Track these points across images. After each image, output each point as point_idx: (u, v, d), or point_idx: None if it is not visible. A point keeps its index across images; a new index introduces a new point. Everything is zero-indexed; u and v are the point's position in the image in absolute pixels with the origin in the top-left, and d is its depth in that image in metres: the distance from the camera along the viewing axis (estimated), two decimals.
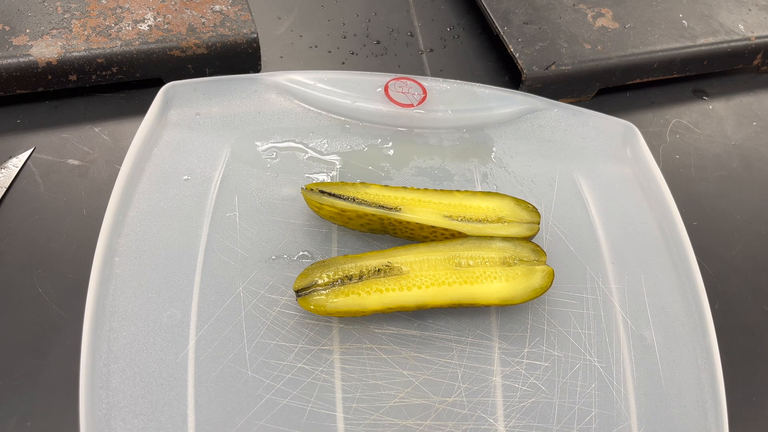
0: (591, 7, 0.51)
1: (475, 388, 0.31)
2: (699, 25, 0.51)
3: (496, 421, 0.31)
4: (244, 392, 0.29)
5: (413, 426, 0.30)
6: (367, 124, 0.40)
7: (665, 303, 0.36)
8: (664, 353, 0.34)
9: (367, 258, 0.32)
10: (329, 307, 0.30)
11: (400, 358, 0.32)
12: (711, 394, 0.33)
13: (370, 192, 0.34)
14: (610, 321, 0.35)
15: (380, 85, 0.41)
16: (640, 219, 0.39)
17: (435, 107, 0.41)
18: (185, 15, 0.43)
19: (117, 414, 0.28)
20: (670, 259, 0.38)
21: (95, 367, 0.29)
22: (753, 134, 0.50)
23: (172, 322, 0.31)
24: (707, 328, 0.35)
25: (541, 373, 0.32)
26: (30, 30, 0.40)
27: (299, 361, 0.31)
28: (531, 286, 0.32)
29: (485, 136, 0.41)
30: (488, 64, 0.51)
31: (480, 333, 0.33)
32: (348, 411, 0.30)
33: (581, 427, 0.31)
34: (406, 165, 0.39)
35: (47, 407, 0.30)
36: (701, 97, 0.52)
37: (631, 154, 0.42)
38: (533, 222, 0.35)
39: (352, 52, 0.49)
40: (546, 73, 0.46)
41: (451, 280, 0.32)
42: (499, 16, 0.49)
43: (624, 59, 0.48)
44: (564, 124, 0.43)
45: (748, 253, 0.43)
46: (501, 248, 0.33)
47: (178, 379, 0.29)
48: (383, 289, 0.31)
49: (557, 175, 0.40)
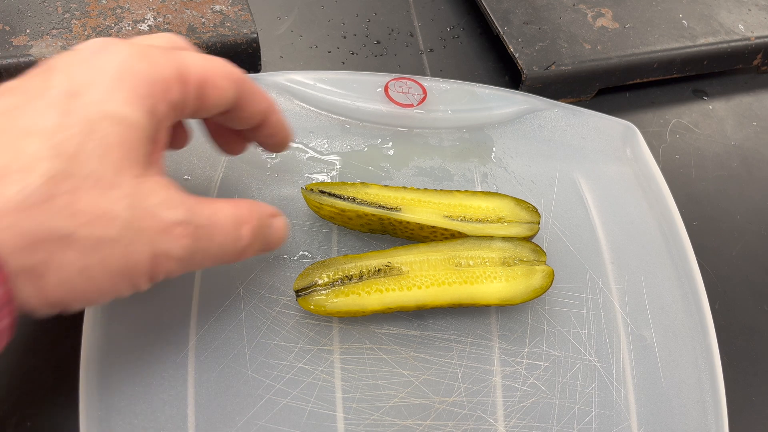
0: (591, 7, 0.51)
1: (475, 388, 0.31)
2: (699, 25, 0.51)
3: (496, 421, 0.31)
4: (244, 392, 0.29)
5: (413, 426, 0.30)
6: (367, 124, 0.40)
7: (665, 303, 0.36)
8: (664, 353, 0.34)
9: (367, 258, 0.32)
10: (329, 307, 0.30)
11: (400, 358, 0.32)
12: (711, 394, 0.33)
13: (370, 192, 0.34)
14: (610, 321, 0.35)
15: (380, 85, 0.41)
16: (640, 219, 0.39)
17: (435, 107, 0.41)
18: (185, 15, 0.43)
19: (117, 414, 0.28)
20: (670, 259, 0.38)
21: (95, 367, 0.29)
22: (753, 134, 0.50)
23: (172, 322, 0.31)
24: (707, 328, 0.35)
25: (541, 373, 0.32)
26: (30, 30, 0.40)
27: (299, 361, 0.31)
28: (531, 286, 0.32)
29: (485, 136, 0.41)
30: (488, 64, 0.51)
31: (480, 333, 0.33)
32: (348, 411, 0.30)
33: (581, 427, 0.31)
34: (406, 165, 0.39)
35: (47, 407, 0.30)
36: (701, 97, 0.52)
37: (631, 154, 0.42)
38: (533, 222, 0.35)
39: (352, 52, 0.49)
40: (546, 73, 0.46)
41: (451, 280, 0.32)
42: (499, 16, 0.49)
43: (624, 59, 0.48)
44: (564, 124, 0.43)
45: (748, 253, 0.43)
46: (501, 248, 0.33)
47: (178, 379, 0.29)
48: (383, 289, 0.31)
49: (557, 175, 0.40)
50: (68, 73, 0.22)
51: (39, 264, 0.20)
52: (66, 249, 0.20)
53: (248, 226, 0.26)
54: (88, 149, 0.21)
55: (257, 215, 0.27)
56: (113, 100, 0.22)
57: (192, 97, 0.25)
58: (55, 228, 0.20)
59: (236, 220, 0.26)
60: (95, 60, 0.23)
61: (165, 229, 0.23)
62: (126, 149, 0.22)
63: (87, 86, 0.22)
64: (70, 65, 0.22)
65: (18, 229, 0.19)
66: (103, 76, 0.22)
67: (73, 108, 0.21)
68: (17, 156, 0.20)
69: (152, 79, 0.23)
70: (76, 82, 0.22)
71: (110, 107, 0.22)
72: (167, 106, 0.24)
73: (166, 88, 0.23)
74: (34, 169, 0.20)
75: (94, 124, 0.21)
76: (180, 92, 0.24)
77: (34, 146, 0.20)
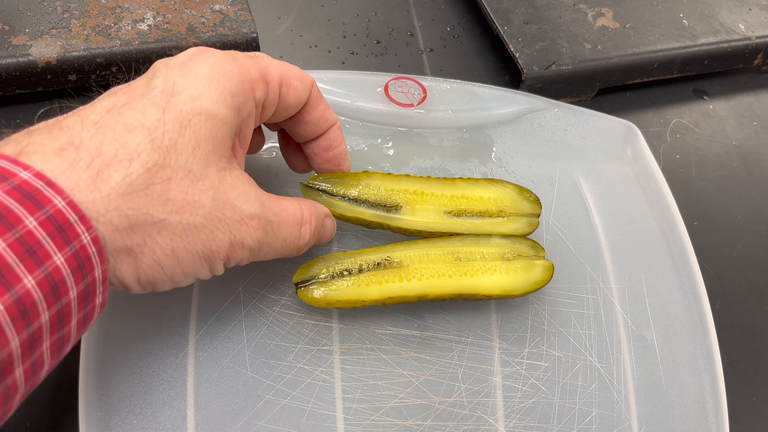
0: (591, 7, 0.51)
1: (475, 388, 0.31)
2: (699, 24, 0.51)
3: (497, 422, 0.30)
4: (244, 392, 0.29)
5: (413, 426, 0.30)
6: (367, 124, 0.40)
7: (666, 303, 0.36)
8: (664, 353, 0.34)
9: (367, 253, 0.32)
10: (329, 297, 0.30)
11: (400, 358, 0.31)
12: (711, 394, 0.33)
13: (372, 184, 0.33)
14: (611, 321, 0.35)
15: (380, 84, 0.41)
16: (641, 219, 0.39)
17: (435, 107, 0.41)
18: (185, 15, 0.43)
19: (116, 414, 0.28)
20: (671, 259, 0.38)
21: (94, 367, 0.29)
22: (753, 134, 0.50)
23: (172, 322, 0.31)
24: (708, 328, 0.35)
25: (541, 373, 0.32)
26: (29, 30, 0.39)
27: (299, 362, 0.30)
28: (531, 278, 0.32)
29: (485, 136, 0.41)
30: (488, 64, 0.51)
31: (480, 333, 0.33)
32: (348, 411, 0.30)
33: (581, 427, 0.31)
34: (406, 165, 0.39)
35: (47, 408, 0.30)
36: (702, 97, 0.52)
37: (632, 154, 0.42)
38: (533, 215, 0.34)
39: (352, 52, 0.49)
40: (546, 73, 0.46)
41: (451, 272, 0.32)
42: (499, 16, 0.49)
43: (624, 59, 0.48)
44: (564, 123, 0.43)
45: (749, 253, 0.42)
46: (500, 244, 0.33)
47: (177, 379, 0.29)
48: (383, 280, 0.31)
49: (557, 175, 0.40)
50: (167, 76, 0.25)
51: (135, 245, 0.22)
52: (159, 233, 0.23)
53: (308, 225, 0.29)
54: (181, 143, 0.23)
55: (316, 215, 0.30)
56: (205, 98, 0.24)
57: (273, 96, 0.28)
58: (151, 213, 0.22)
59: (300, 219, 0.28)
60: (191, 63, 0.25)
61: (242, 221, 0.25)
62: (214, 143, 0.24)
63: (183, 86, 0.24)
64: (169, 69, 0.25)
65: (121, 212, 0.22)
66: (197, 77, 0.25)
67: (170, 106, 0.24)
68: (122, 147, 0.22)
69: (240, 79, 0.26)
70: (173, 83, 0.24)
71: (202, 105, 0.24)
72: (252, 104, 0.26)
73: (252, 87, 0.26)
74: (135, 159, 0.22)
75: (187, 120, 0.24)
76: (263, 91, 0.27)
77: (136, 139, 0.22)
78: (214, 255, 0.25)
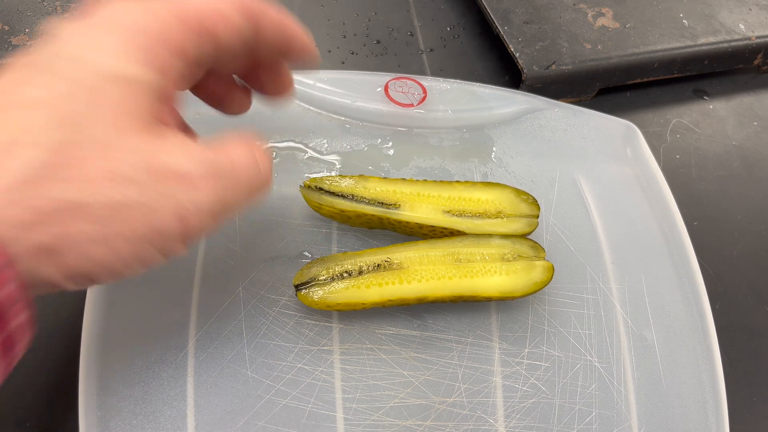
0: (591, 7, 0.51)
1: (475, 388, 0.31)
2: (699, 24, 0.51)
3: (497, 422, 0.30)
4: (244, 392, 0.29)
5: (413, 426, 0.30)
6: (367, 123, 0.40)
7: (666, 303, 0.36)
8: (664, 353, 0.34)
9: (367, 255, 0.32)
10: (329, 300, 0.30)
11: (400, 359, 0.31)
12: (711, 395, 0.33)
13: (369, 186, 0.34)
14: (611, 321, 0.35)
15: (380, 84, 0.41)
16: (641, 219, 0.39)
17: (435, 107, 0.41)
18: None
19: (116, 414, 0.28)
20: (671, 259, 0.38)
21: (94, 368, 0.29)
22: (754, 134, 0.50)
23: (172, 322, 0.31)
24: (708, 328, 0.35)
25: (541, 373, 0.32)
26: (29, 30, 0.39)
27: (299, 362, 0.30)
28: (532, 279, 0.32)
29: (485, 136, 0.41)
30: (488, 64, 0.51)
31: (480, 333, 0.33)
32: (348, 411, 0.30)
33: (581, 427, 0.31)
34: (406, 165, 0.39)
35: (47, 408, 0.30)
36: (702, 96, 0.52)
37: (632, 154, 0.42)
38: (532, 216, 0.34)
39: (352, 52, 0.49)
40: (546, 73, 0.46)
41: (451, 274, 0.32)
42: (499, 16, 0.49)
43: (624, 59, 0.48)
44: (564, 124, 0.43)
45: (749, 253, 0.42)
46: (500, 245, 0.33)
47: (177, 379, 0.29)
48: (383, 282, 0.31)
49: (557, 175, 0.40)
50: (68, 40, 0.21)
51: (54, 239, 0.19)
52: (80, 219, 0.19)
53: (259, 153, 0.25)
54: (92, 114, 0.20)
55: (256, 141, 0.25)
56: (112, 60, 0.21)
57: (198, 38, 0.23)
58: (65, 199, 0.19)
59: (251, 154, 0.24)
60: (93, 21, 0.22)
61: (190, 184, 0.21)
62: (131, 109, 0.21)
63: (86, 49, 0.21)
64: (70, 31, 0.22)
65: (23, 204, 0.18)
66: (99, 36, 0.21)
67: (73, 74, 0.20)
68: (23, 130, 0.19)
69: (148, 29, 0.21)
70: (76, 47, 0.21)
71: (110, 68, 0.21)
72: (171, 55, 0.22)
73: (164, 35, 0.22)
74: (37, 141, 0.19)
75: (95, 87, 0.20)
76: (182, 36, 0.22)
77: (36, 118, 0.19)
78: (161, 234, 0.21)
